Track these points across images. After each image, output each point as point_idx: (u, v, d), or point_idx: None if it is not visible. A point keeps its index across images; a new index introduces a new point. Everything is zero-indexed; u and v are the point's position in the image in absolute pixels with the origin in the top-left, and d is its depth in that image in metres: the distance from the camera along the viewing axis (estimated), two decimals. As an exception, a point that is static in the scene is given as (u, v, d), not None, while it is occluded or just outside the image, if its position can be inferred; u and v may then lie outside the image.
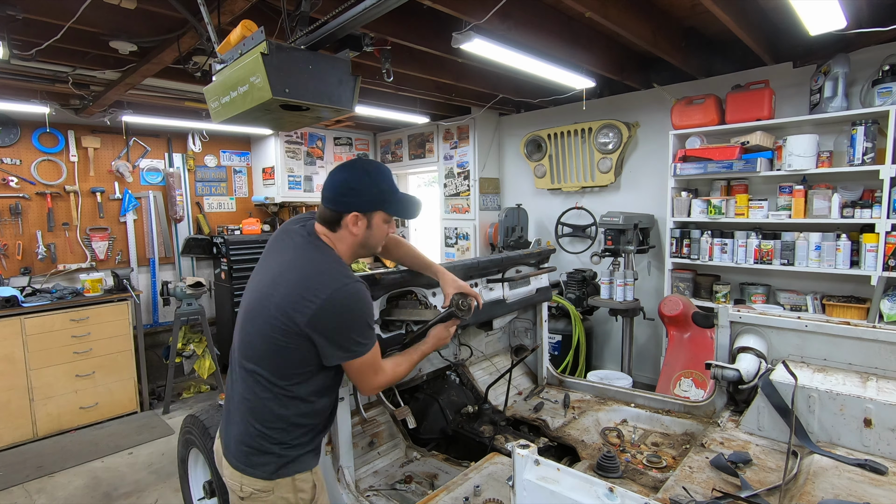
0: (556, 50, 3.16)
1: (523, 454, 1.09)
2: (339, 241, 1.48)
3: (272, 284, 1.39)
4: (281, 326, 1.33)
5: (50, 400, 4.00)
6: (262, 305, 1.39)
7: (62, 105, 4.23)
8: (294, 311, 1.32)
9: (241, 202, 5.88)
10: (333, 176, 1.48)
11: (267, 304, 1.37)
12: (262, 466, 1.40)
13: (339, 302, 1.33)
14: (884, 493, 1.36)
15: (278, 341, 1.35)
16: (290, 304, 1.33)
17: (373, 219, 1.47)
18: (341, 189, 1.45)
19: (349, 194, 1.44)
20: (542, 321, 3.01)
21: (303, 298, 1.32)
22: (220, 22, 2.33)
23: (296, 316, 1.32)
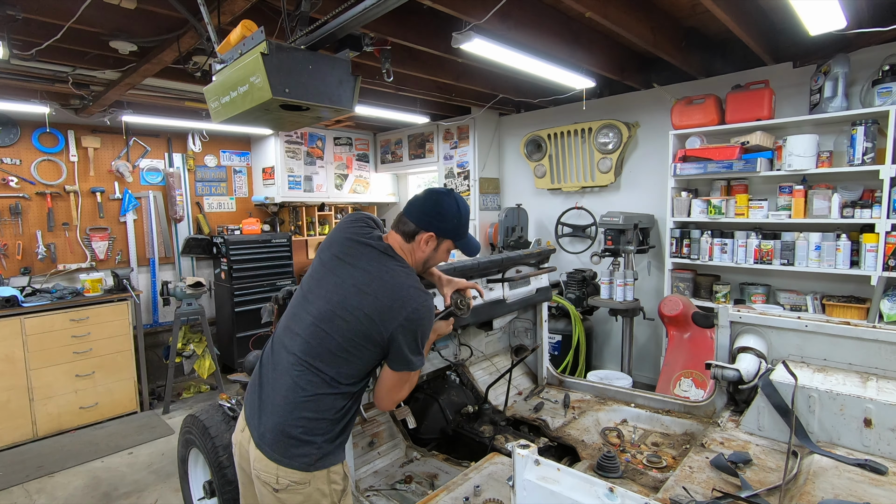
0: (556, 50, 3.16)
1: (523, 454, 1.09)
2: (409, 253, 1.62)
3: (358, 294, 1.48)
4: (366, 332, 1.45)
5: (50, 400, 4.00)
6: (344, 310, 1.47)
7: (62, 105, 4.23)
8: (383, 319, 1.44)
9: (241, 202, 5.89)
10: (429, 196, 1.62)
11: (352, 310, 1.47)
12: (301, 458, 1.45)
13: (423, 314, 1.48)
14: (884, 493, 1.36)
15: (358, 344, 1.46)
16: (379, 313, 1.45)
17: (442, 244, 1.64)
18: (432, 211, 1.60)
19: (436, 217, 1.60)
20: (542, 321, 3.01)
21: (391, 308, 1.45)
22: (220, 22, 2.33)
23: (385, 323, 1.44)
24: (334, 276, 1.57)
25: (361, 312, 1.46)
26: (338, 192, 6.20)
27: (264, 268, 5.32)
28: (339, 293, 1.52)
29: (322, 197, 6.04)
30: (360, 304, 1.47)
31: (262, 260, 5.30)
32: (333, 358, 1.47)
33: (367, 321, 1.45)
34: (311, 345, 1.49)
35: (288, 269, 5.52)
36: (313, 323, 1.52)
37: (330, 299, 1.52)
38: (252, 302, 5.15)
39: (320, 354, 1.48)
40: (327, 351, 1.47)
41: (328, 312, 1.50)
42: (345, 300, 1.49)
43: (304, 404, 1.46)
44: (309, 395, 1.46)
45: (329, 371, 1.47)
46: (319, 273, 1.61)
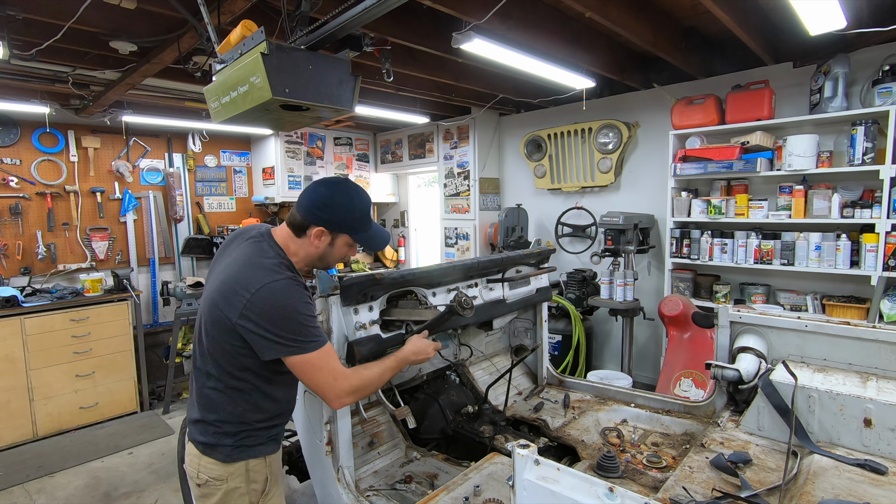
0: (556, 50, 3.16)
1: (523, 454, 1.09)
2: (300, 247, 1.53)
3: (216, 281, 1.47)
4: (217, 321, 1.41)
5: (50, 400, 4.00)
6: (207, 302, 1.46)
7: (62, 105, 4.23)
8: (227, 305, 1.38)
9: (241, 202, 5.89)
10: (316, 188, 1.52)
11: (206, 298, 1.47)
12: (218, 448, 1.46)
13: (269, 295, 1.37)
14: (884, 493, 1.36)
15: (216, 336, 1.42)
16: (224, 299, 1.39)
17: (337, 239, 1.54)
18: (318, 203, 1.50)
19: (324, 210, 1.50)
20: (542, 321, 3.01)
21: (235, 293, 1.38)
22: (220, 22, 2.33)
23: (229, 310, 1.38)
24: (215, 272, 1.58)
25: (210, 299, 1.44)
26: (338, 192, 6.19)
27: (264, 268, 5.31)
28: (210, 284, 1.52)
29: (322, 197, 6.03)
30: (212, 290, 1.46)
31: (262, 260, 5.29)
32: (208, 353, 1.46)
33: (215, 308, 1.41)
34: (197, 339, 1.52)
35: (288, 269, 5.52)
36: (198, 322, 1.53)
37: (205, 295, 1.52)
38: (252, 302, 5.15)
39: (202, 352, 1.49)
40: (202, 346, 1.48)
41: (204, 309, 1.50)
42: (209, 291, 1.49)
43: (207, 407, 1.48)
44: (206, 398, 1.48)
45: (211, 369, 1.46)
46: None
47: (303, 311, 1.41)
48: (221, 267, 1.52)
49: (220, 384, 1.46)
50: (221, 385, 1.46)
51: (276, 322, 1.37)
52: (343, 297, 1.86)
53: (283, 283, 1.40)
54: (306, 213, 1.50)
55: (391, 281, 1.99)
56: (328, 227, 1.50)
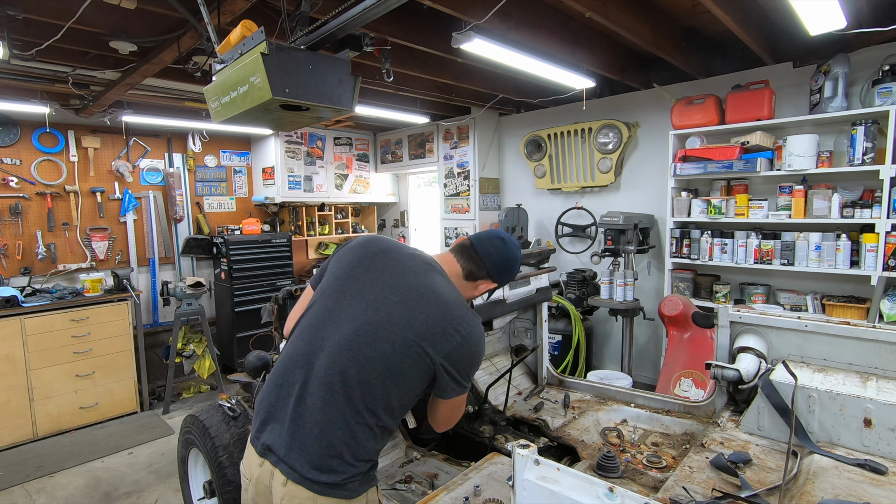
0: (556, 50, 3.16)
1: (523, 454, 1.09)
2: (462, 289, 1.53)
3: (407, 309, 1.34)
4: (414, 354, 1.31)
5: (50, 400, 4.00)
6: (391, 328, 1.32)
7: (62, 105, 4.23)
8: (434, 342, 1.32)
9: (241, 202, 5.89)
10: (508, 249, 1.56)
11: (400, 328, 1.32)
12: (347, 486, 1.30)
13: (475, 340, 1.37)
14: (884, 493, 1.36)
15: (402, 367, 1.31)
16: (430, 335, 1.32)
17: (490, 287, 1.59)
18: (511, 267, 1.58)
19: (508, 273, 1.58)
20: (542, 321, 3.01)
21: (445, 332, 1.33)
22: (220, 22, 2.33)
23: (435, 347, 1.32)
24: (369, 287, 1.41)
25: (411, 331, 1.32)
26: (338, 192, 6.20)
27: (264, 268, 5.32)
28: (381, 309, 1.35)
29: (322, 197, 6.04)
30: (410, 322, 1.33)
31: (262, 260, 5.31)
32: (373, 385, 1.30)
33: (417, 340, 1.31)
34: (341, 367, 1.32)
35: (288, 269, 5.52)
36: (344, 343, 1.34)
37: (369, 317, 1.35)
38: (252, 302, 5.16)
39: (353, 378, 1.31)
40: (367, 377, 1.31)
41: (366, 330, 1.33)
42: (390, 318, 1.34)
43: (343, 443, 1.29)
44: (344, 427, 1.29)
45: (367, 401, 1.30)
46: (344, 284, 1.45)
47: (482, 358, 1.44)
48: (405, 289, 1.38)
49: (375, 420, 1.31)
50: (374, 422, 1.31)
51: (471, 367, 1.39)
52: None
53: (482, 328, 1.41)
54: (493, 270, 1.53)
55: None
56: (498, 282, 1.57)
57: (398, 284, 1.39)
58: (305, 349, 1.39)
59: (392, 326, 1.33)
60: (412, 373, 1.32)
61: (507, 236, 1.59)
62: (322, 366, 1.34)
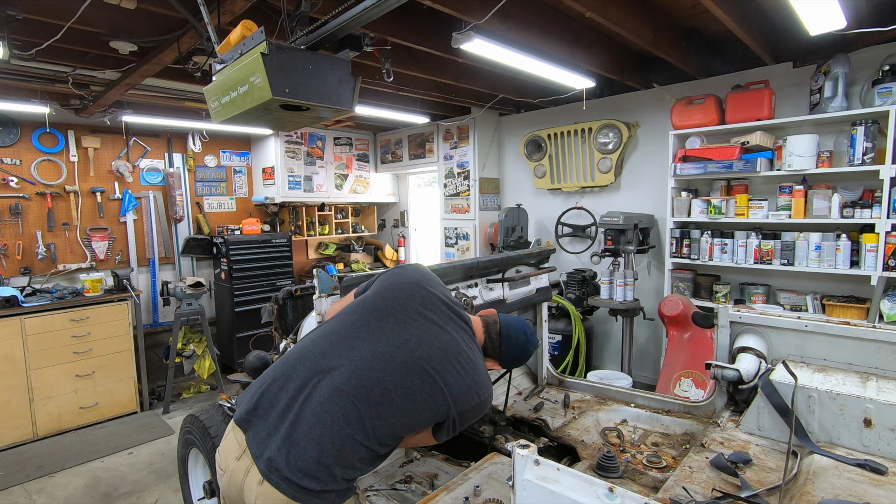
0: (556, 50, 3.16)
1: (523, 454, 1.09)
2: None
3: (445, 358, 1.42)
4: (438, 399, 1.38)
5: (50, 400, 4.00)
6: (426, 368, 1.38)
7: (62, 105, 4.23)
8: (457, 397, 1.40)
9: (241, 202, 5.89)
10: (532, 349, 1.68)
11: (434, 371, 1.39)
12: (324, 494, 1.28)
13: (487, 405, 1.48)
14: (884, 493, 1.36)
15: (422, 405, 1.37)
16: (457, 389, 1.40)
17: None
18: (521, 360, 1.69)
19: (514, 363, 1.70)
20: (542, 321, 3.01)
21: (469, 390, 1.42)
22: (220, 22, 2.33)
23: (457, 401, 1.40)
24: (411, 320, 1.46)
25: (441, 383, 1.38)
26: (338, 192, 6.20)
27: (264, 268, 5.32)
28: (419, 346, 1.41)
29: (322, 197, 6.04)
30: (443, 373, 1.39)
31: (262, 260, 5.30)
32: (389, 411, 1.33)
33: (444, 388, 1.37)
34: (365, 382, 1.33)
35: (288, 269, 5.52)
36: (375, 361, 1.37)
37: (405, 345, 1.40)
38: (252, 302, 5.15)
39: (373, 396, 1.33)
40: (388, 400, 1.33)
41: (403, 360, 1.37)
42: (429, 358, 1.39)
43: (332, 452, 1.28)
44: (345, 438, 1.29)
45: (376, 424, 1.32)
46: (391, 307, 1.49)
47: None
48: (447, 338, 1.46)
49: (375, 444, 1.33)
50: (373, 445, 1.33)
51: (472, 422, 1.52)
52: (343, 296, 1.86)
53: (493, 393, 1.53)
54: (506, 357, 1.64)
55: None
56: (503, 366, 1.69)
57: (441, 333, 1.46)
58: (330, 351, 1.40)
59: (427, 366, 1.38)
60: (427, 415, 1.38)
61: (530, 331, 1.69)
62: (344, 373, 1.35)
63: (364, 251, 6.78)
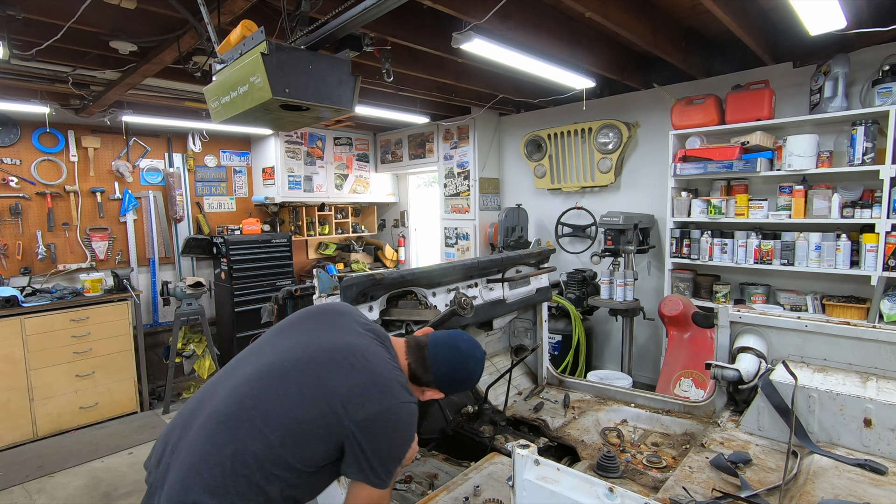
0: (556, 50, 3.16)
1: (523, 454, 1.09)
2: None
3: (330, 359, 1.23)
4: (324, 406, 1.16)
5: (50, 400, 4.00)
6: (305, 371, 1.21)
7: (62, 105, 4.23)
8: (349, 401, 1.16)
9: (241, 202, 5.89)
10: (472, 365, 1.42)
11: (315, 374, 1.20)
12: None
13: (399, 418, 1.21)
14: (884, 493, 1.36)
15: (305, 416, 1.15)
16: (347, 393, 1.17)
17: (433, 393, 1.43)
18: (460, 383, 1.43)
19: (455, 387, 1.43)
20: (542, 321, 3.01)
21: (365, 394, 1.18)
22: (220, 22, 2.33)
23: (347, 407, 1.16)
24: (302, 333, 1.31)
25: (325, 382, 1.17)
26: (338, 192, 6.20)
27: (264, 268, 5.32)
28: (302, 350, 1.24)
29: (322, 197, 6.04)
30: (327, 372, 1.18)
31: (262, 260, 5.31)
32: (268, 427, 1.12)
33: (332, 397, 1.15)
34: (237, 398, 1.16)
35: (288, 269, 5.52)
36: (252, 376, 1.20)
37: (286, 354, 1.24)
38: (252, 302, 5.16)
39: (252, 418, 1.13)
40: (264, 414, 1.13)
41: (279, 368, 1.20)
42: (309, 360, 1.21)
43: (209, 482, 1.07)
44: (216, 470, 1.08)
45: (255, 444, 1.10)
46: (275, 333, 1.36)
47: (409, 443, 1.27)
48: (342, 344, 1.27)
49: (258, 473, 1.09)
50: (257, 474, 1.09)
51: (389, 451, 1.20)
52: (343, 296, 1.86)
53: (412, 410, 1.24)
54: (439, 381, 1.38)
55: (391, 281, 1.99)
56: (446, 393, 1.41)
57: (337, 337, 1.29)
58: (214, 382, 1.29)
59: (308, 368, 1.20)
60: (313, 427, 1.14)
61: (465, 345, 1.42)
62: (220, 398, 1.19)
63: (364, 251, 6.79)
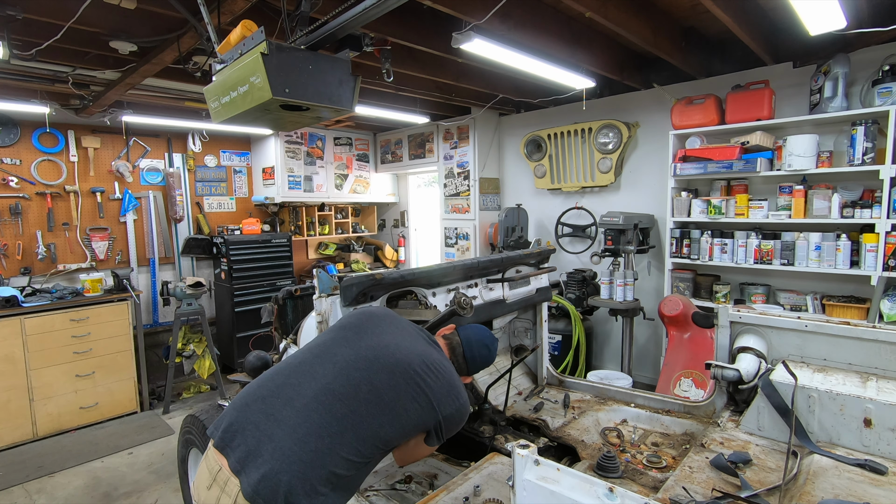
0: (556, 50, 3.16)
1: (523, 454, 1.09)
2: None
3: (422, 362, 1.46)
4: (422, 401, 1.40)
5: (50, 400, 4.00)
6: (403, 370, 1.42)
7: (62, 105, 4.23)
8: (441, 401, 1.43)
9: (241, 202, 5.89)
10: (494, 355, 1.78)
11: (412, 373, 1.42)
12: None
13: (467, 410, 1.54)
14: (884, 493, 1.36)
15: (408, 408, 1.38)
16: (439, 393, 1.44)
17: None
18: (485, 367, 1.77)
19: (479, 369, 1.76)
20: (542, 321, 3.01)
21: (448, 394, 1.46)
22: (220, 22, 2.33)
23: (441, 404, 1.43)
24: (390, 335, 1.54)
25: (424, 384, 1.41)
26: (338, 192, 6.20)
27: (264, 268, 5.32)
28: (400, 351, 1.47)
29: (322, 197, 6.04)
30: (423, 374, 1.43)
31: (262, 260, 5.31)
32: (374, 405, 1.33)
33: (426, 392, 1.40)
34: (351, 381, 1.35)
35: (288, 269, 5.52)
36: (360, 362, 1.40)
37: (385, 349, 1.46)
38: (252, 302, 5.15)
39: (361, 394, 1.33)
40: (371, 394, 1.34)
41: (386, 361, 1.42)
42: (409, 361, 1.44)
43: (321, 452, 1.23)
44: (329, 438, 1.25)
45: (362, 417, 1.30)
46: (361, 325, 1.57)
47: None
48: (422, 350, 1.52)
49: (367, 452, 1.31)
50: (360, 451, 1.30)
51: (456, 430, 1.53)
52: (343, 296, 1.86)
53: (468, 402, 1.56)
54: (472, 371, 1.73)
55: (391, 281, 1.99)
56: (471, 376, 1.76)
57: (415, 344, 1.55)
58: (311, 360, 1.44)
59: (409, 369, 1.42)
60: (414, 417, 1.39)
61: (490, 339, 1.77)
62: (329, 374, 1.37)
63: (364, 251, 6.78)
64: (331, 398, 1.31)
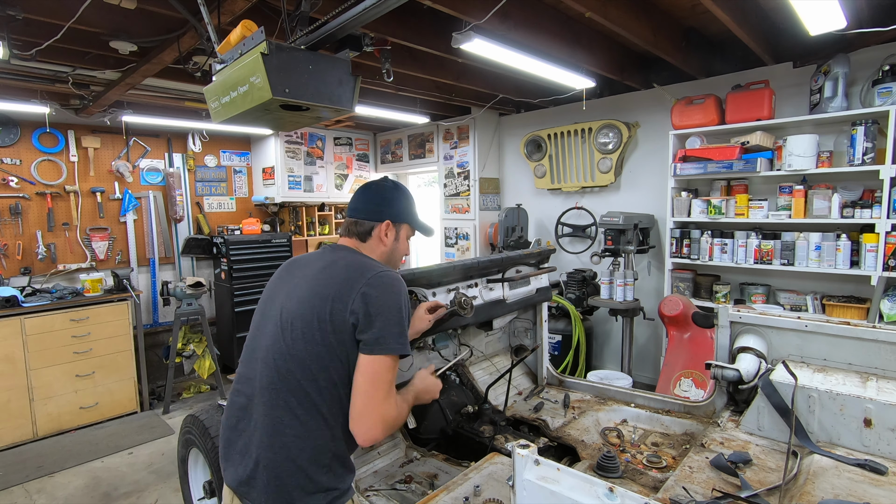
0: (556, 50, 3.16)
1: (523, 454, 1.08)
2: (369, 251, 1.51)
3: (313, 286, 1.36)
4: (337, 315, 1.29)
5: (50, 400, 4.00)
6: (303, 310, 1.33)
7: (62, 105, 4.23)
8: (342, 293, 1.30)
9: (241, 202, 5.89)
10: (366, 189, 1.56)
11: (312, 304, 1.33)
12: None
13: (386, 281, 1.33)
14: (884, 493, 1.36)
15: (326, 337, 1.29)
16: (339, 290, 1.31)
17: (400, 230, 1.55)
18: (375, 200, 1.53)
19: (383, 204, 1.52)
20: (542, 321, 3.01)
21: (349, 280, 1.32)
22: (220, 22, 2.33)
23: (344, 298, 1.29)
24: (283, 289, 1.45)
25: (317, 299, 1.31)
26: (338, 192, 6.20)
27: (264, 268, 5.32)
28: (290, 298, 1.38)
29: (322, 197, 6.04)
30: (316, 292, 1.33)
31: (262, 260, 5.31)
32: (309, 367, 1.29)
33: (325, 304, 1.29)
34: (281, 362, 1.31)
35: (288, 269, 5.52)
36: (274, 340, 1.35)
37: (285, 308, 1.37)
38: (252, 302, 5.15)
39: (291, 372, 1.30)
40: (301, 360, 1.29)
41: (288, 321, 1.34)
42: (300, 300, 1.35)
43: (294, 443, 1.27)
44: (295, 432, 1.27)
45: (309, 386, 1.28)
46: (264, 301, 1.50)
47: (406, 303, 1.35)
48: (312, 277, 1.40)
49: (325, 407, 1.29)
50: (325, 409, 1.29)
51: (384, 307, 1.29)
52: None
53: (394, 274, 1.38)
54: (368, 214, 1.50)
55: (391, 281, 1.99)
56: (393, 219, 1.51)
57: (305, 273, 1.43)
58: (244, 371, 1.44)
59: (306, 304, 1.33)
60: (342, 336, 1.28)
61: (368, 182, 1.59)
62: (260, 374, 1.35)
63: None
64: (276, 378, 1.32)
